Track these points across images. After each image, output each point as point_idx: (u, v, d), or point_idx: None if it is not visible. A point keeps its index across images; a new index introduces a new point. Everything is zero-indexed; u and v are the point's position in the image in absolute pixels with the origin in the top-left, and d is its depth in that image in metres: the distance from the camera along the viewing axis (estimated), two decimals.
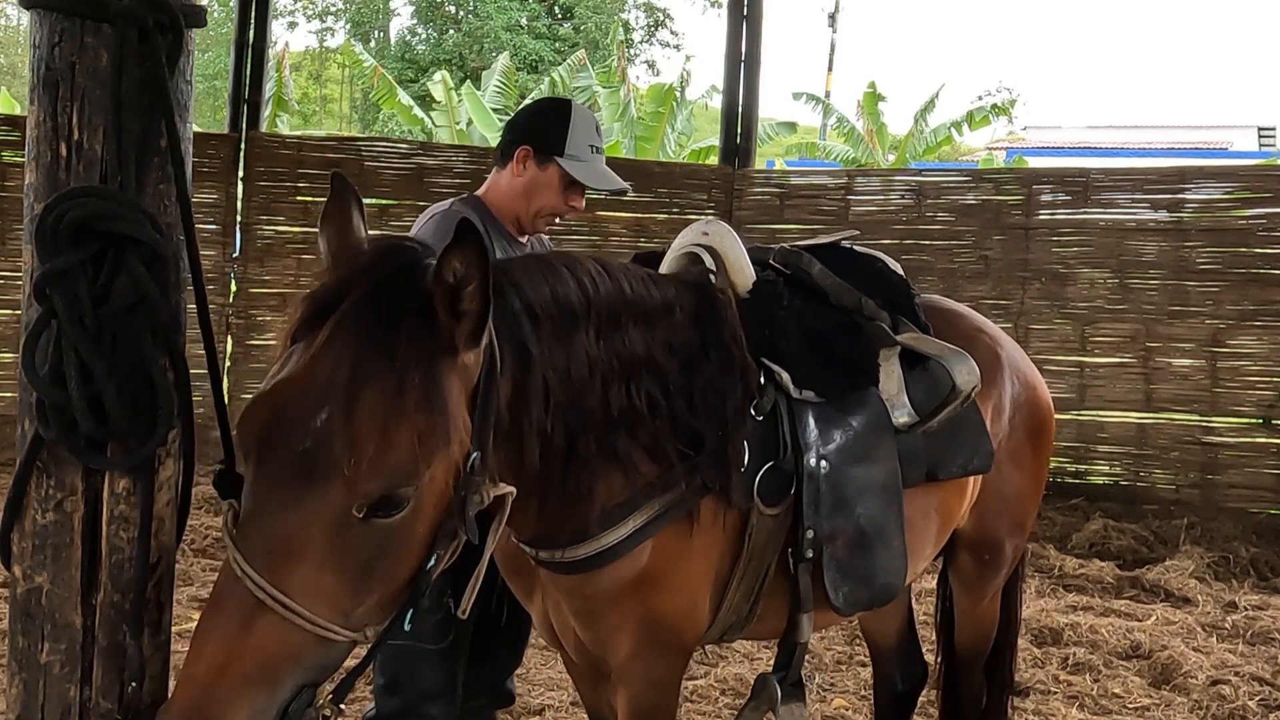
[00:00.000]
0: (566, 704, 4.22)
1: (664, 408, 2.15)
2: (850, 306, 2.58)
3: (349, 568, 1.65)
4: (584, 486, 2.09)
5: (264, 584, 1.61)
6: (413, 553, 1.72)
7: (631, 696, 2.35)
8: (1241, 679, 4.61)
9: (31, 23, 1.74)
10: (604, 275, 2.14)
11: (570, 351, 2.01)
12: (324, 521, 1.63)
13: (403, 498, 1.67)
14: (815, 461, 2.37)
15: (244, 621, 1.61)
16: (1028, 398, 3.08)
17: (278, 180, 8.28)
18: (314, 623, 1.63)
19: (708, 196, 8.30)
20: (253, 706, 1.60)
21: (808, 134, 24.66)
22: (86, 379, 1.68)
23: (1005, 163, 19.91)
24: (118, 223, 1.69)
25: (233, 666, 1.59)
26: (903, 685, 3.43)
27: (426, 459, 1.68)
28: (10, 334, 7.95)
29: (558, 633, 2.42)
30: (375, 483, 1.63)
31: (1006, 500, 3.01)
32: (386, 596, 1.72)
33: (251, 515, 1.66)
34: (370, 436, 1.63)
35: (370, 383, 1.66)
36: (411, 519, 1.69)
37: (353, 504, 1.63)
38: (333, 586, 1.64)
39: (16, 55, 34.44)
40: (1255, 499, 7.24)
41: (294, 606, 1.61)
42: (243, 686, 1.59)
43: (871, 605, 2.54)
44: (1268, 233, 7.33)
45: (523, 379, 1.92)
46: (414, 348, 1.70)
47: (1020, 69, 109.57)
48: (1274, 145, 31.74)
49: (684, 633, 2.34)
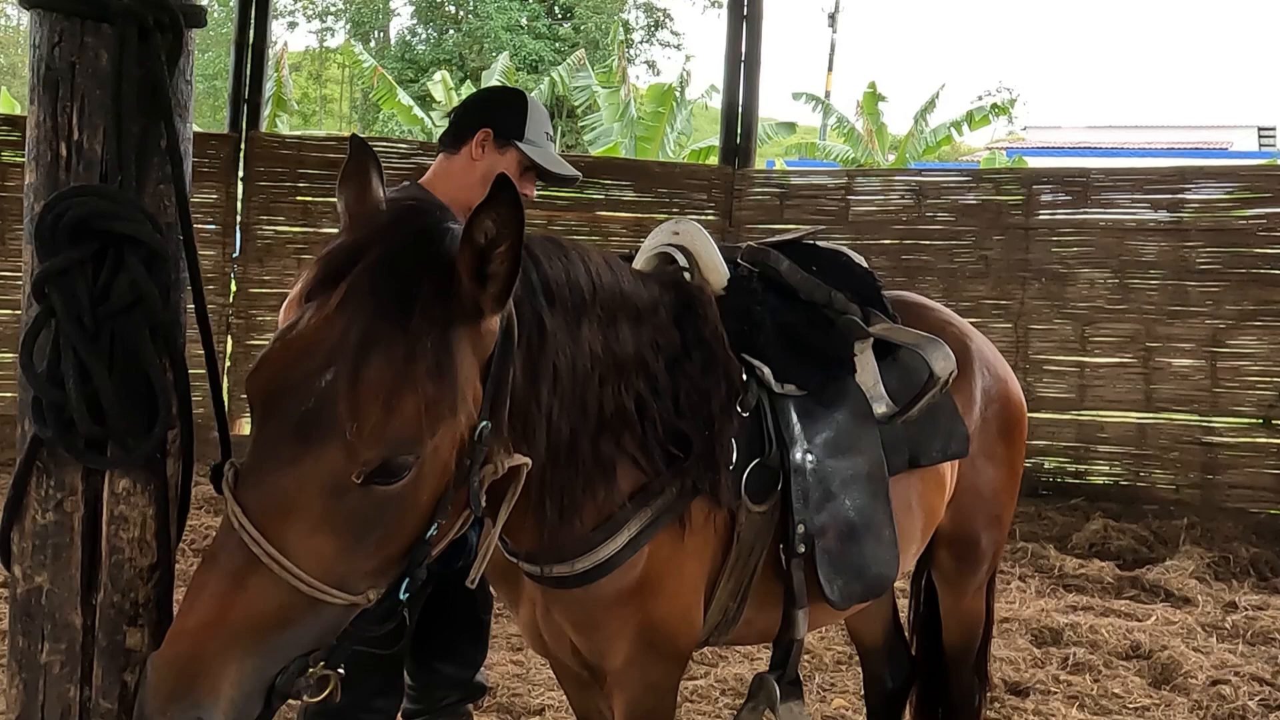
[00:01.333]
0: (566, 704, 4.21)
1: (652, 409, 2.13)
2: (820, 301, 2.58)
3: (346, 531, 1.62)
4: (578, 493, 2.05)
5: (260, 539, 1.57)
6: (412, 521, 1.68)
7: (629, 702, 2.33)
8: (1241, 679, 4.61)
9: (31, 23, 1.74)
10: (605, 267, 2.11)
11: (576, 343, 1.97)
12: (322, 484, 1.59)
13: (403, 465, 1.63)
14: (801, 455, 2.36)
15: (238, 576, 1.57)
16: (999, 390, 3.08)
17: (277, 180, 8.28)
18: (308, 583, 1.59)
19: (708, 196, 8.30)
20: (241, 666, 1.55)
21: (808, 134, 24.67)
22: (84, 378, 1.68)
23: (1005, 163, 19.91)
24: (117, 222, 1.69)
25: (224, 622, 1.55)
26: (893, 683, 3.42)
27: (431, 428, 1.64)
28: (10, 334, 7.95)
29: (548, 642, 2.39)
30: (376, 450, 1.60)
31: (981, 494, 3.01)
32: (384, 563, 1.68)
33: (252, 471, 1.62)
34: (374, 402, 1.60)
35: (380, 346, 1.62)
36: (412, 488, 1.65)
37: (352, 470, 1.59)
38: (329, 549, 1.61)
39: (16, 55, 34.44)
40: (1255, 499, 7.24)
41: (288, 565, 1.57)
42: (233, 644, 1.55)
43: (866, 598, 2.52)
44: (1268, 233, 7.33)
45: (536, 357, 1.87)
46: (428, 313, 1.66)
47: (1020, 69, 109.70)
48: (1274, 145, 31.75)
49: (680, 637, 2.32)
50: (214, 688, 1.54)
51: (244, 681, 1.56)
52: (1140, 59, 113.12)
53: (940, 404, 2.73)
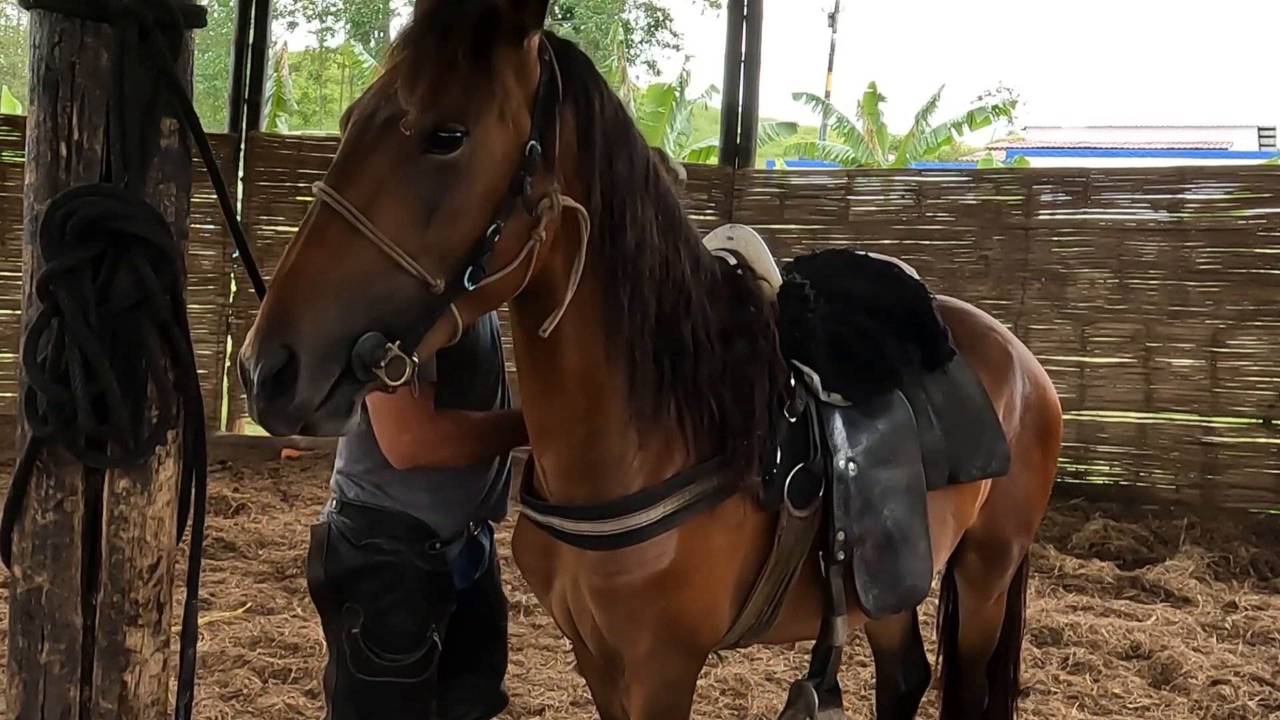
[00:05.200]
0: (566, 704, 4.22)
1: (705, 363, 2.20)
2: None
3: (414, 198, 1.81)
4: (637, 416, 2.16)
5: (342, 200, 1.78)
6: (471, 207, 1.85)
7: (646, 695, 2.34)
8: (1241, 679, 4.61)
9: (31, 23, 1.75)
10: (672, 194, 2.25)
11: (633, 162, 2.11)
12: (390, 153, 1.82)
13: (454, 134, 1.83)
14: (844, 464, 2.38)
15: (322, 236, 1.78)
16: (1038, 398, 3.08)
17: (278, 180, 8.28)
18: (385, 243, 1.77)
19: (708, 196, 8.30)
20: (323, 310, 1.73)
21: (808, 134, 24.64)
22: (90, 377, 1.69)
23: (1005, 163, 19.90)
24: (129, 222, 1.71)
25: (309, 271, 1.75)
26: (905, 686, 3.42)
27: (476, 109, 1.85)
28: (10, 334, 7.96)
29: (574, 617, 2.40)
30: (428, 114, 1.81)
31: (1015, 500, 3.00)
32: (450, 247, 1.83)
33: (338, 162, 1.85)
34: (423, 80, 1.83)
35: (429, 55, 1.86)
36: (466, 167, 1.84)
37: (410, 133, 1.81)
38: (401, 213, 1.80)
39: (16, 55, 34.43)
40: (1255, 499, 7.24)
41: (365, 221, 1.76)
42: (315, 290, 1.74)
43: (899, 608, 2.54)
44: (1268, 233, 7.34)
45: (585, 120, 2.03)
46: (467, 33, 1.87)
47: (1020, 69, 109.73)
48: (1274, 145, 31.75)
49: (701, 633, 2.33)
50: (296, 323, 1.72)
51: (326, 325, 1.73)
52: (1140, 59, 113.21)
53: (985, 422, 2.75)
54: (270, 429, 1.77)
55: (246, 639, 4.64)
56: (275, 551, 5.96)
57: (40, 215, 1.71)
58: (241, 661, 4.41)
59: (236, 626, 4.81)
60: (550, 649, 4.77)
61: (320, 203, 1.81)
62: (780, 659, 4.71)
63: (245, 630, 4.75)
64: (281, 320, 1.72)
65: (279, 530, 6.37)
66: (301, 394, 1.71)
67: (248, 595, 5.26)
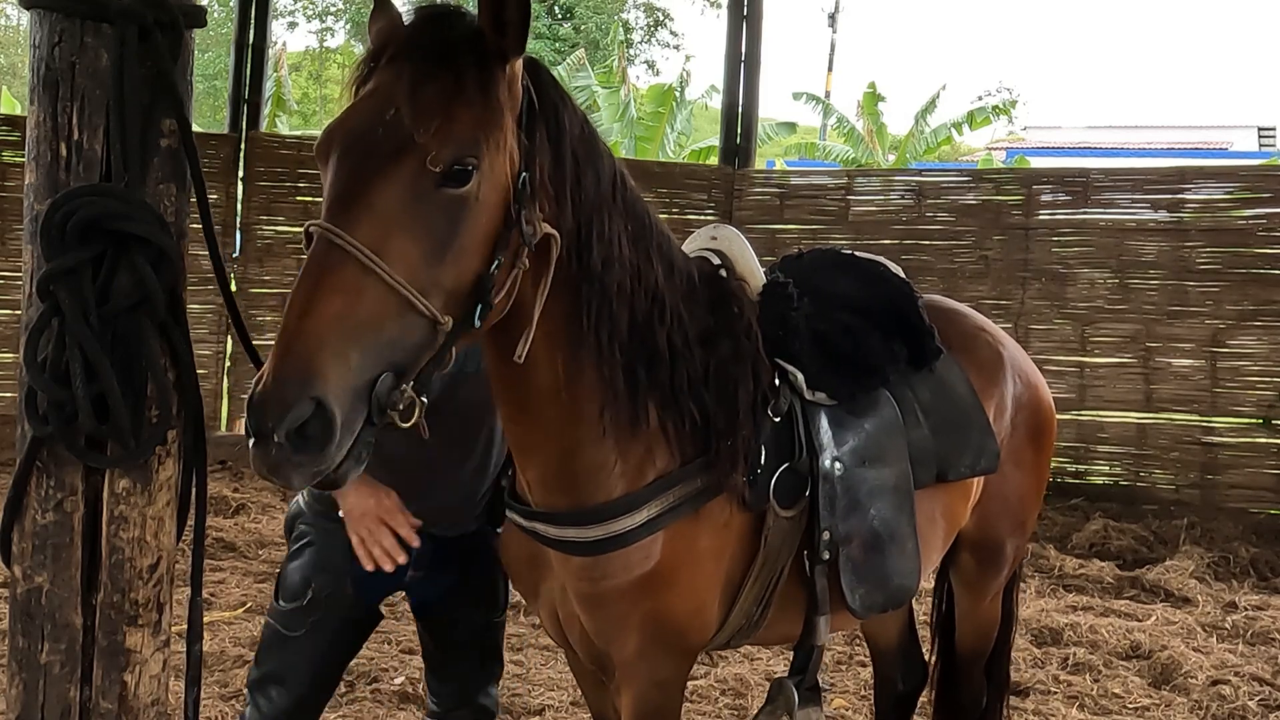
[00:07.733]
0: (566, 704, 4.22)
1: (682, 367, 2.19)
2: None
3: (426, 237, 1.76)
4: (616, 419, 2.15)
5: (354, 242, 1.71)
6: (478, 243, 1.82)
7: (635, 697, 2.34)
8: (1241, 679, 4.61)
9: (31, 23, 1.75)
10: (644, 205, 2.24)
11: (599, 175, 2.09)
12: (404, 188, 1.76)
13: (468, 167, 1.79)
14: (830, 463, 2.37)
15: (335, 280, 1.70)
16: (1030, 397, 3.07)
17: (277, 180, 8.28)
18: (399, 283, 1.71)
19: (708, 196, 8.30)
20: (345, 358, 1.67)
21: (808, 134, 24.63)
22: (90, 376, 1.69)
23: (1005, 163, 19.90)
24: (129, 222, 1.71)
25: (326, 316, 1.67)
26: (903, 686, 3.43)
27: (486, 137, 1.82)
28: (10, 334, 7.95)
29: (563, 624, 2.41)
30: (445, 149, 1.77)
31: (1008, 500, 3.00)
32: (458, 284, 1.80)
33: (337, 195, 1.77)
34: (435, 112, 1.78)
35: (430, 80, 1.80)
36: (476, 203, 1.81)
37: (427, 171, 1.76)
38: (414, 253, 1.75)
39: (16, 55, 34.41)
40: (1255, 499, 7.24)
41: (380, 262, 1.70)
42: (334, 336, 1.67)
43: (887, 608, 2.53)
44: (1268, 233, 7.34)
45: (557, 139, 2.01)
46: (467, 54, 1.84)
47: (1020, 69, 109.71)
48: (1274, 145, 31.74)
49: (690, 634, 2.33)
50: (323, 373, 1.65)
51: (349, 374, 1.67)
52: (1140, 59, 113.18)
53: (971, 419, 2.74)
54: (285, 482, 1.69)
55: (246, 639, 4.63)
56: (275, 551, 5.96)
57: (40, 215, 1.71)
58: (241, 661, 4.40)
59: (236, 626, 4.81)
60: (550, 649, 4.76)
61: (325, 241, 1.73)
62: (780, 659, 4.71)
63: (245, 630, 4.75)
64: (305, 370, 1.64)
65: (279, 530, 6.35)
66: (339, 448, 1.66)
67: (248, 595, 5.26)
